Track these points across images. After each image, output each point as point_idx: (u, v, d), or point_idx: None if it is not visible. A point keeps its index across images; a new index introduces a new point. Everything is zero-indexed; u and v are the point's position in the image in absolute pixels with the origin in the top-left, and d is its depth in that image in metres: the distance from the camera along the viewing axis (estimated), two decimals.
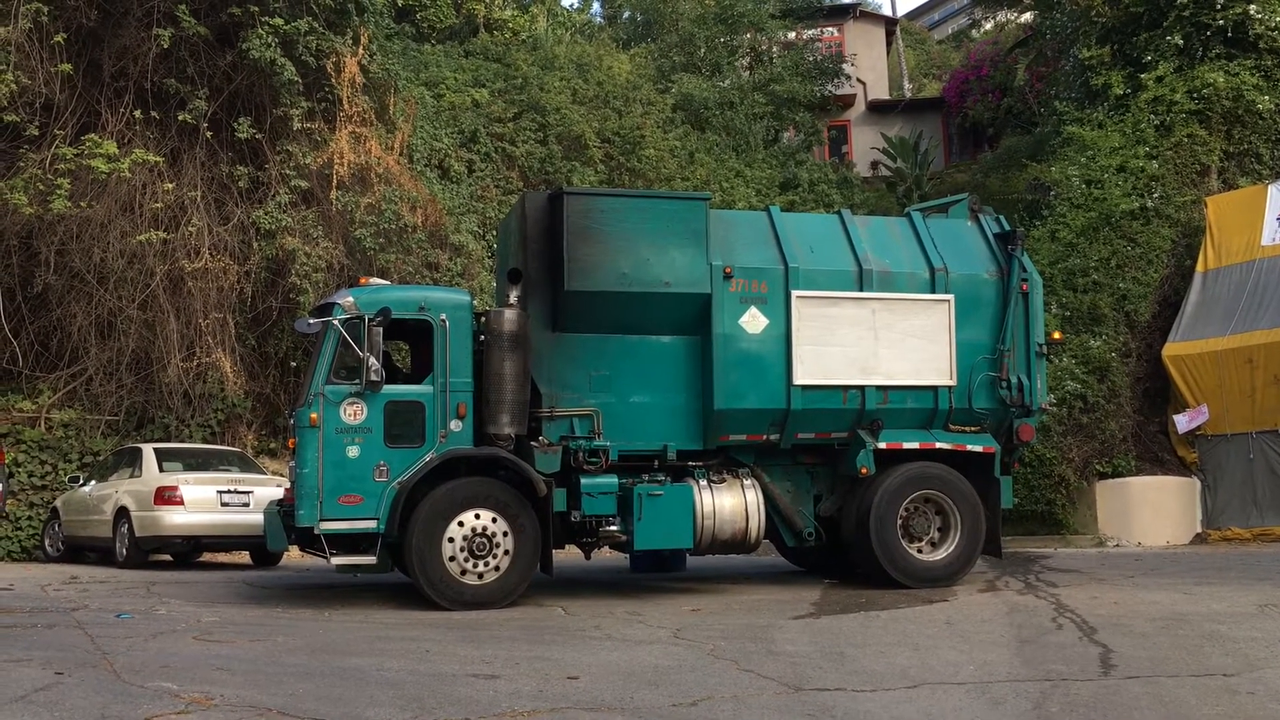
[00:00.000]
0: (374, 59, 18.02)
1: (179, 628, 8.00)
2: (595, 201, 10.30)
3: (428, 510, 9.32)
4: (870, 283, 10.57)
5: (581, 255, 9.81)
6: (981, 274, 10.96)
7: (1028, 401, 10.85)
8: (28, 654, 6.65)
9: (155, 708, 5.42)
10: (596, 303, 9.95)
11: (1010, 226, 11.30)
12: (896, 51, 37.02)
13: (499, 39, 24.96)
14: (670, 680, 6.50)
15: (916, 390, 10.62)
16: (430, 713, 5.56)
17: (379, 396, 9.43)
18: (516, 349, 9.67)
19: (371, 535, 9.30)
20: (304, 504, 9.24)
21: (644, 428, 10.13)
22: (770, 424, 10.34)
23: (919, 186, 26.69)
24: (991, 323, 10.87)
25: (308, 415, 9.34)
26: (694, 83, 24.90)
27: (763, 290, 10.30)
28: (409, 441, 9.44)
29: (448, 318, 9.67)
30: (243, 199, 16.62)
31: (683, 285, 10.05)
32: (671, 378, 10.24)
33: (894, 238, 11.01)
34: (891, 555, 10.34)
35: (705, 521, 10.01)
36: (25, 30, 15.01)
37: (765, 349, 10.27)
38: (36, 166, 15.31)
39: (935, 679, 6.60)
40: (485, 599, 9.39)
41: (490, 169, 19.96)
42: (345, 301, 9.60)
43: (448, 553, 9.33)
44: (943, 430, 10.74)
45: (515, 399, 9.65)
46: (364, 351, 9.30)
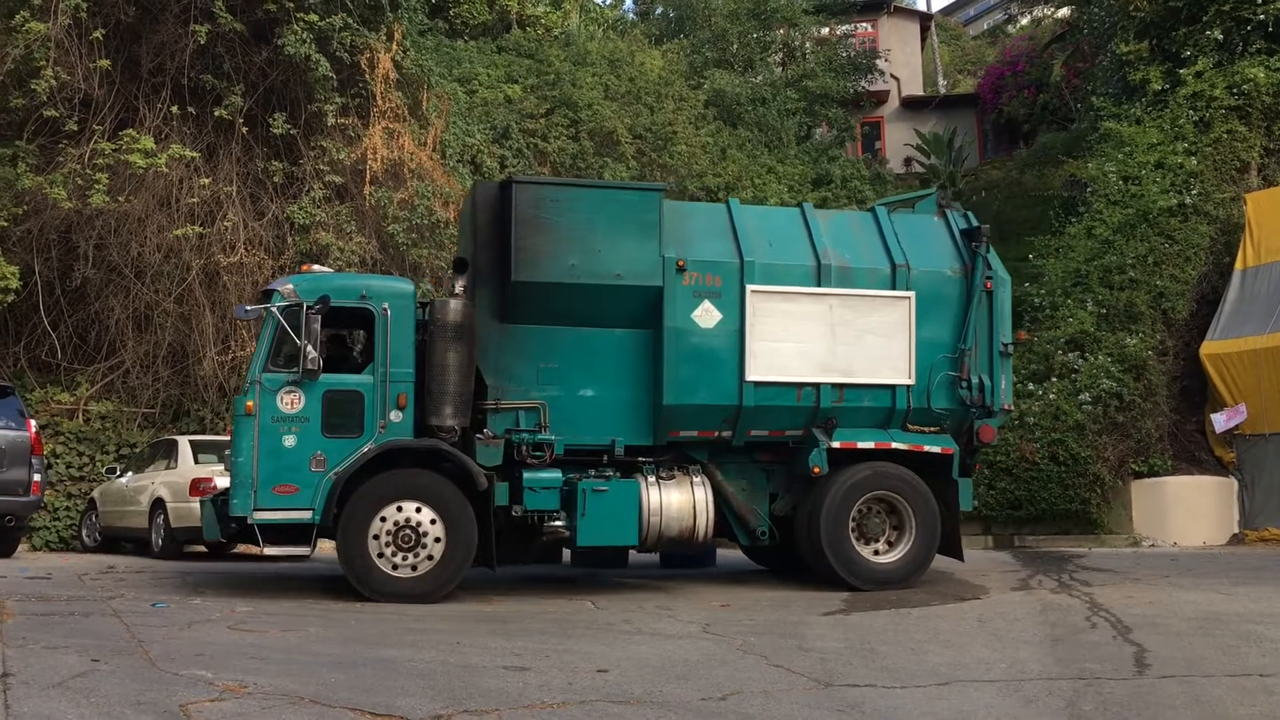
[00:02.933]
0: (407, 55, 18.10)
1: (213, 617, 8.07)
2: (545, 191, 10.14)
3: (355, 501, 9.25)
4: (829, 278, 10.34)
5: (529, 245, 9.67)
6: (945, 271, 10.67)
7: (989, 402, 10.55)
8: (65, 641, 6.74)
9: (190, 695, 5.47)
10: (544, 294, 9.80)
11: (977, 222, 10.97)
12: (931, 47, 36.76)
13: (531, 35, 24.98)
14: (700, 674, 6.50)
15: (873, 389, 10.38)
16: (460, 703, 5.58)
17: (317, 385, 9.34)
18: (460, 340, 9.54)
19: (307, 526, 9.23)
20: (238, 493, 9.21)
21: (593, 422, 9.98)
22: (722, 420, 10.14)
23: (953, 183, 26.49)
24: (954, 321, 10.57)
25: (243, 403, 9.32)
26: (726, 79, 24.82)
27: (717, 284, 10.09)
28: (347, 432, 9.35)
29: (389, 307, 9.56)
30: (277, 194, 16.74)
31: (633, 277, 9.88)
32: (622, 372, 10.05)
33: (856, 233, 10.77)
34: (842, 556, 10.10)
35: (651, 518, 9.83)
36: (65, 26, 15.18)
37: (718, 344, 10.06)
38: (75, 162, 15.49)
39: (967, 677, 6.56)
40: (413, 593, 9.27)
41: (522, 165, 19.99)
42: (285, 289, 9.54)
43: (374, 545, 9.26)
44: (901, 430, 10.47)
45: (458, 390, 9.52)
46: (302, 340, 9.21)
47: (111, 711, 5.10)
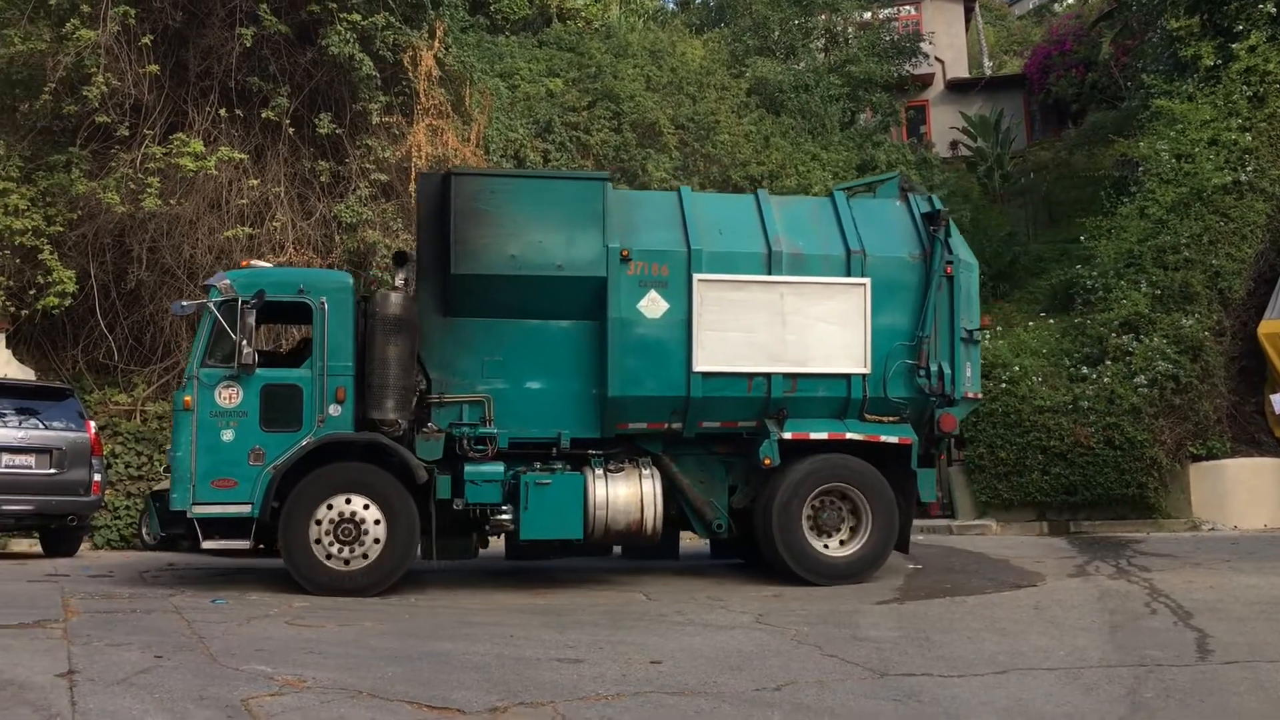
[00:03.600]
0: (449, 52, 18.19)
1: (271, 612, 8.18)
2: (485, 182, 10.04)
3: (296, 495, 9.27)
4: (780, 266, 10.08)
5: (469, 238, 9.59)
6: (903, 256, 10.35)
7: (949, 391, 10.23)
8: (128, 638, 6.86)
9: (250, 689, 5.55)
10: (485, 286, 9.71)
11: (939, 206, 10.64)
12: (976, 29, 36.29)
13: (572, 28, 24.99)
14: (753, 665, 6.49)
15: (828, 378, 10.12)
16: (516, 695, 5.62)
17: (255, 379, 9.36)
18: (400, 332, 9.51)
19: (246, 520, 9.25)
20: (177, 488, 9.26)
21: (539, 415, 9.86)
22: (671, 412, 9.97)
23: (1000, 166, 26.17)
24: (912, 308, 10.27)
25: (181, 398, 9.38)
26: (768, 66, 24.67)
27: (664, 273, 9.90)
28: (285, 425, 9.35)
29: (327, 300, 9.56)
30: (324, 193, 16.90)
31: (576, 268, 9.74)
32: (568, 364, 9.93)
33: (811, 219, 10.52)
34: (794, 550, 9.89)
35: (597, 512, 9.70)
36: (114, 33, 15.42)
37: (665, 334, 9.87)
38: (127, 166, 15.73)
39: (1025, 664, 6.50)
40: (354, 586, 9.27)
41: (565, 158, 20.01)
42: (222, 284, 9.57)
43: (314, 537, 9.27)
44: (858, 420, 10.19)
45: (399, 384, 9.49)
46: (237, 334, 9.25)
47: (175, 707, 5.19)
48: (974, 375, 10.70)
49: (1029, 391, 16.00)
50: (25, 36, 15.72)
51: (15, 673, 5.72)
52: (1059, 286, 19.94)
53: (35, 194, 15.80)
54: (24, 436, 12.54)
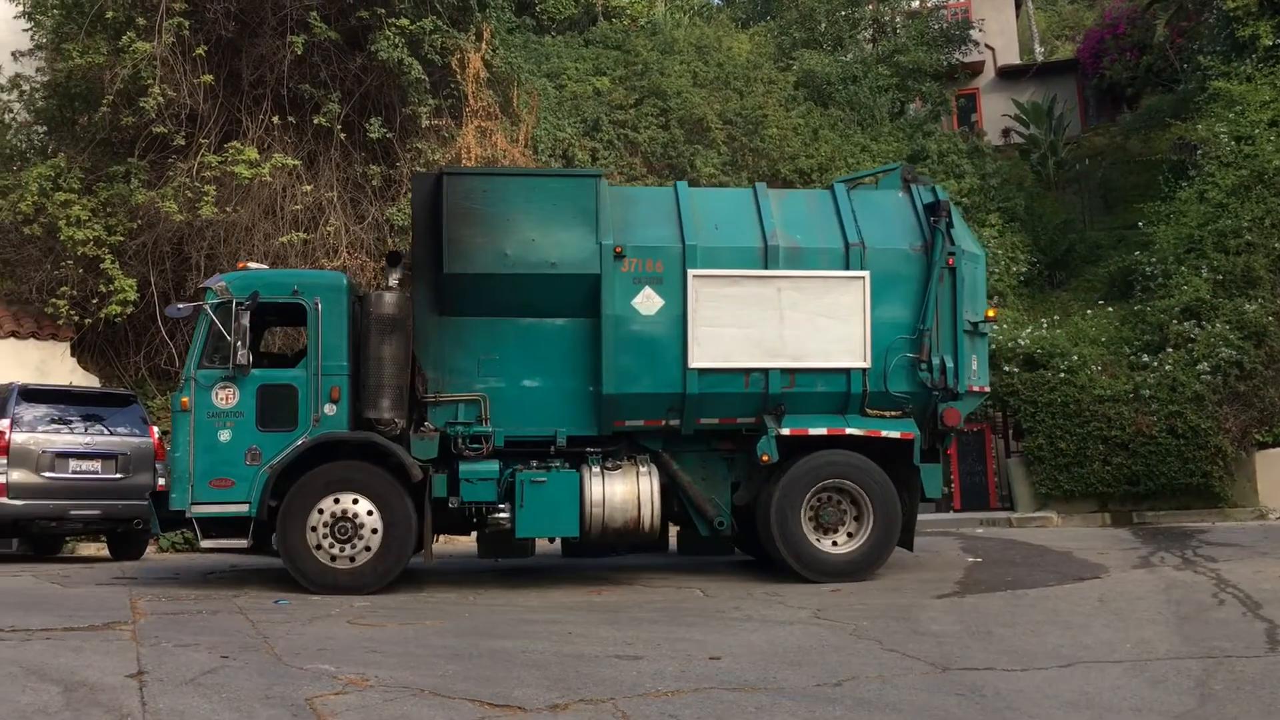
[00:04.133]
0: (497, 53, 18.28)
1: (333, 612, 8.28)
2: (477, 181, 10.02)
3: (292, 494, 9.34)
4: (776, 260, 9.94)
5: (461, 237, 9.57)
6: (904, 248, 10.16)
7: (952, 384, 10.05)
8: (195, 639, 6.98)
9: (315, 688, 5.63)
10: (478, 285, 9.70)
11: (942, 196, 10.40)
12: (1026, 14, 35.80)
13: (618, 26, 25.03)
14: (813, 660, 6.47)
15: (826, 373, 9.97)
16: (575, 692, 5.64)
17: (251, 380, 9.47)
18: (395, 332, 9.56)
19: (244, 519, 9.34)
20: (176, 487, 9.38)
21: (535, 413, 9.83)
22: (668, 409, 9.89)
23: (1054, 152, 25.80)
24: (913, 300, 10.09)
25: (179, 399, 9.49)
26: (815, 59, 24.53)
27: (658, 270, 9.81)
28: (281, 425, 9.43)
29: (321, 300, 9.63)
30: (376, 197, 17.07)
31: (569, 266, 9.69)
32: (564, 362, 9.88)
33: (810, 212, 10.38)
34: (793, 547, 9.76)
35: (594, 510, 9.64)
36: (169, 45, 15.68)
37: (660, 331, 9.80)
38: (184, 175, 15.99)
39: (1090, 657, 6.41)
40: (353, 583, 9.32)
41: (613, 156, 20.05)
42: (217, 286, 9.67)
43: (312, 537, 9.34)
44: (859, 415, 10.04)
45: (394, 383, 9.54)
46: (232, 335, 9.35)
47: (242, 706, 5.27)
48: (980, 368, 10.52)
49: (1088, 381, 15.79)
50: (84, 51, 16.04)
51: (87, 674, 5.85)
52: (1117, 274, 19.66)
53: (96, 205, 16.11)
54: (90, 442, 12.80)
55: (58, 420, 12.80)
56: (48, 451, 12.48)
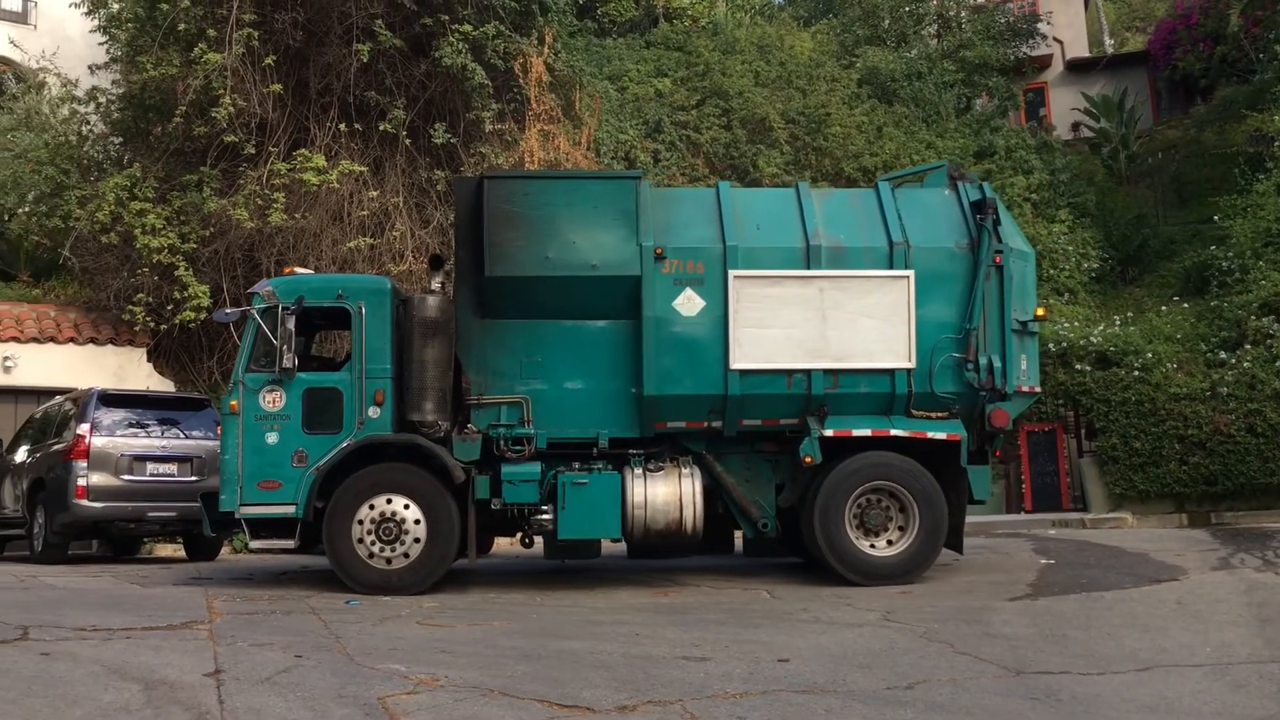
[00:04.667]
0: (559, 57, 18.39)
1: (403, 613, 8.37)
2: (518, 185, 10.00)
3: (338, 495, 9.43)
4: (818, 260, 9.79)
5: (502, 240, 9.56)
6: (950, 247, 9.95)
7: (1000, 385, 9.81)
8: (269, 639, 7.09)
9: (386, 688, 5.69)
10: (520, 288, 9.68)
11: (989, 193, 10.17)
12: (1095, 6, 35.17)
13: (679, 27, 25.03)
14: (883, 663, 6.40)
15: (870, 374, 9.78)
16: (644, 694, 5.63)
17: (297, 383, 9.59)
18: (438, 335, 9.62)
19: (291, 520, 9.45)
20: (225, 489, 9.52)
21: (577, 415, 9.79)
22: (710, 410, 9.79)
23: (1125, 146, 25.32)
24: (959, 299, 9.88)
25: (228, 403, 9.63)
26: (879, 55, 24.31)
27: (699, 271, 9.72)
28: (327, 428, 9.54)
29: (365, 304, 9.72)
30: (441, 202, 17.25)
31: (610, 268, 9.63)
32: (605, 363, 9.83)
33: (853, 211, 10.20)
34: (837, 549, 9.60)
35: (636, 511, 9.60)
36: (239, 56, 16.00)
37: (701, 332, 9.71)
38: (254, 183, 16.31)
39: (1168, 661, 6.28)
40: (396, 584, 9.39)
41: (675, 158, 20.05)
42: (264, 290, 9.80)
43: (356, 537, 9.41)
44: (904, 416, 9.85)
45: (437, 385, 9.59)
46: (278, 340, 9.47)
47: (316, 705, 5.35)
48: (1030, 368, 10.29)
49: (1163, 379, 15.47)
50: (157, 63, 16.42)
51: (166, 672, 5.97)
52: (1192, 269, 19.24)
53: (170, 213, 16.49)
54: (166, 446, 13.09)
55: (135, 424, 13.13)
56: (126, 455, 12.79)
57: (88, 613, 8.05)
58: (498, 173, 13.65)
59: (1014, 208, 20.33)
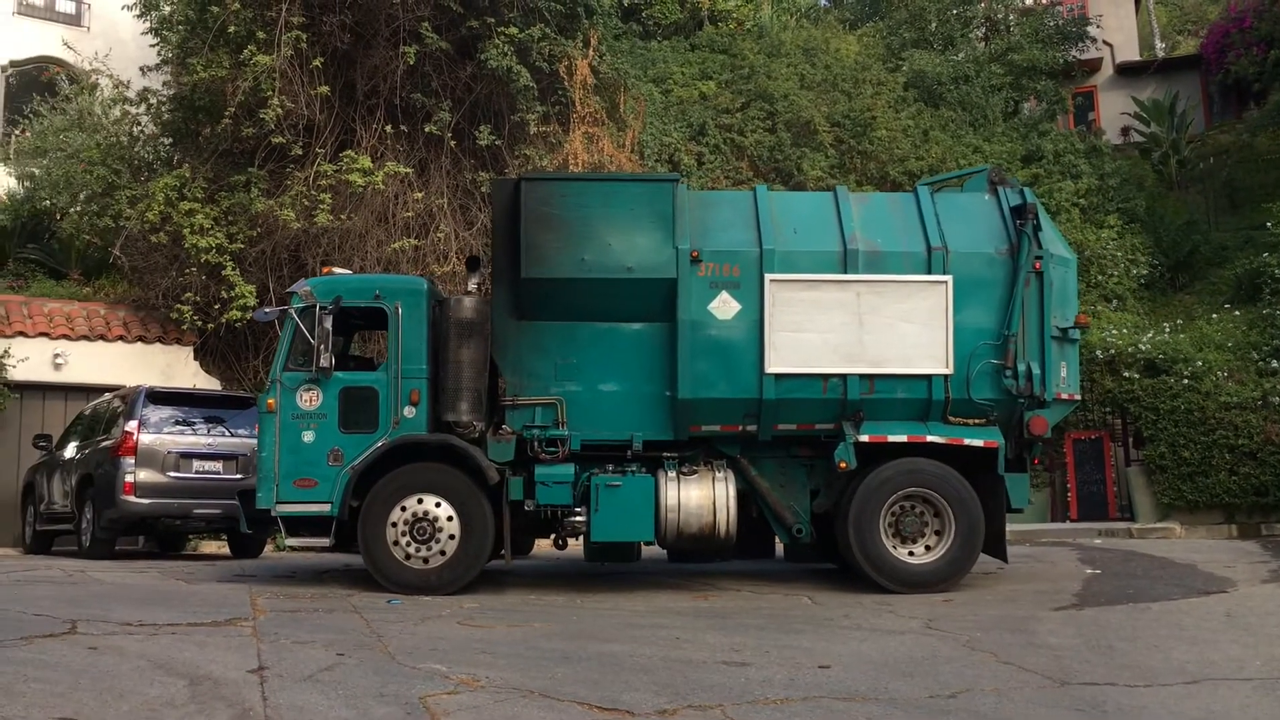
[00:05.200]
0: (604, 60, 18.42)
1: (444, 613, 8.41)
2: (555, 187, 9.97)
3: (374, 495, 9.48)
4: (856, 264, 9.71)
5: (539, 242, 9.56)
6: (989, 252, 9.84)
7: (1039, 392, 9.65)
8: (312, 636, 7.15)
9: (428, 688, 5.72)
10: (556, 290, 9.67)
11: (1030, 198, 10.03)
12: (1146, 9, 34.70)
13: (724, 30, 24.98)
14: (925, 671, 6.34)
15: (907, 379, 9.68)
16: (684, 698, 5.62)
17: (334, 383, 9.66)
18: (473, 336, 9.66)
19: (326, 518, 9.50)
20: (262, 487, 9.59)
21: (612, 417, 9.76)
22: (744, 414, 9.72)
23: (1177, 151, 24.93)
24: (998, 305, 9.77)
25: (265, 401, 9.72)
26: (926, 58, 24.12)
27: (735, 274, 9.66)
28: (363, 427, 9.60)
29: (402, 305, 9.77)
30: (485, 204, 17.30)
31: (646, 270, 9.60)
32: (641, 366, 9.79)
33: (891, 216, 10.09)
34: (871, 556, 9.52)
35: (669, 514, 9.58)
36: (287, 58, 16.17)
37: (736, 336, 9.65)
38: (301, 184, 16.47)
39: (1217, 674, 6.17)
40: (430, 583, 9.42)
41: (720, 160, 20.01)
42: (302, 290, 9.87)
43: (391, 536, 9.47)
44: (941, 423, 9.74)
45: (473, 386, 9.63)
46: (315, 339, 9.54)
47: (358, 703, 5.38)
48: (1070, 375, 10.15)
49: (1214, 387, 15.23)
50: (207, 65, 16.62)
51: (211, 668, 6.04)
52: (1244, 276, 18.92)
53: (218, 213, 16.68)
54: (212, 444, 13.25)
55: (182, 422, 13.29)
56: (172, 452, 12.96)
57: (134, 608, 8.17)
58: (535, 174, 13.71)
59: (1062, 213, 20.10)
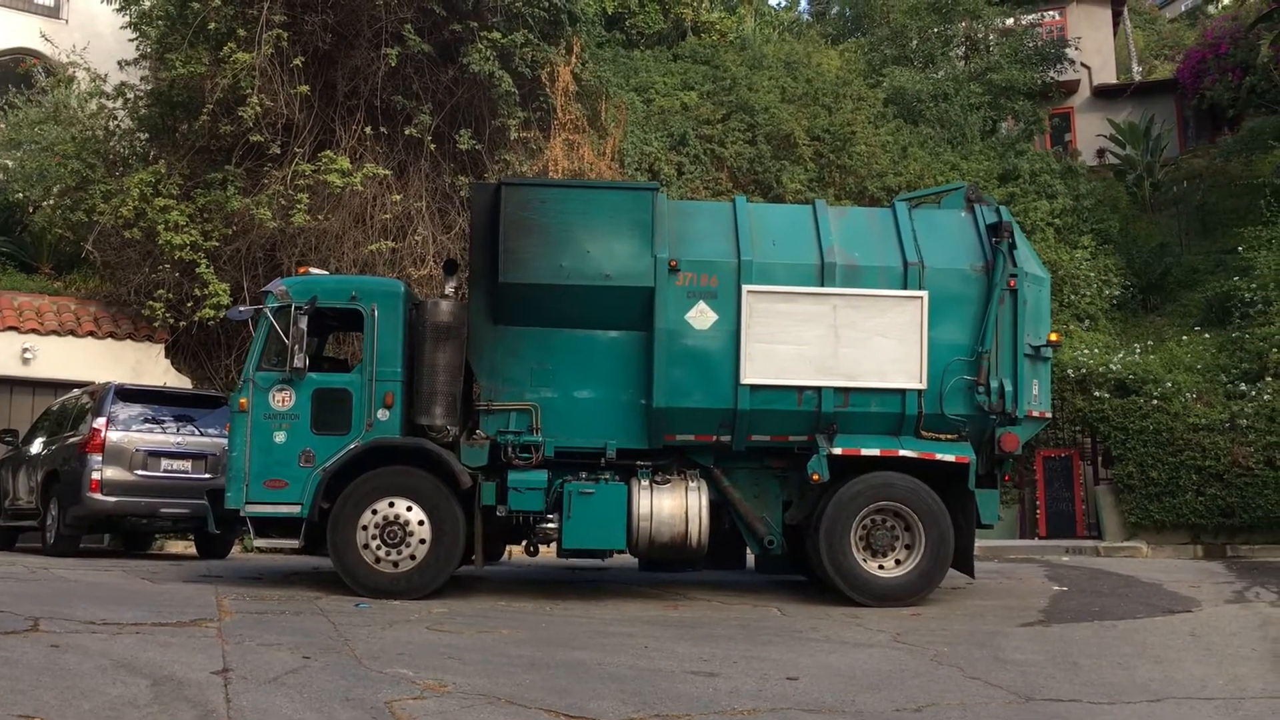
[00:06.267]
0: (586, 67, 18.45)
1: (412, 618, 8.36)
2: (535, 192, 9.97)
3: (345, 497, 9.45)
4: (833, 277, 9.76)
5: (517, 247, 9.57)
6: (965, 269, 9.91)
7: (1010, 408, 9.73)
8: (278, 639, 7.09)
9: (394, 692, 5.68)
10: (533, 296, 9.69)
11: (1006, 217, 10.12)
12: (1124, 33, 35.06)
13: (707, 41, 25.07)
14: (892, 684, 6.36)
15: (881, 393, 9.74)
16: (651, 707, 5.61)
17: (307, 384, 9.63)
18: (449, 340, 9.66)
19: (296, 520, 9.46)
20: (232, 487, 9.54)
21: (586, 424, 9.78)
22: (719, 425, 9.75)
23: (1151, 174, 25.20)
24: (973, 322, 9.83)
25: (237, 400, 9.69)
26: (906, 75, 24.30)
27: (713, 284, 9.70)
28: (335, 429, 9.56)
29: (378, 307, 9.75)
30: (464, 208, 17.28)
31: (623, 278, 9.63)
32: (616, 374, 9.82)
33: (869, 230, 10.16)
34: (841, 568, 9.56)
35: (641, 523, 9.57)
36: (268, 56, 16.09)
37: (713, 346, 9.68)
38: (279, 183, 16.38)
39: (1181, 693, 6.21)
40: (400, 588, 9.39)
41: (700, 171, 20.07)
42: (278, 289, 9.84)
43: (361, 539, 9.43)
44: (914, 437, 9.79)
45: (447, 390, 9.63)
46: (289, 339, 9.51)
47: (323, 707, 5.34)
48: (1042, 393, 10.24)
49: (1182, 409, 15.37)
50: (186, 61, 16.51)
51: (174, 669, 5.97)
52: (1214, 299, 19.13)
53: (193, 210, 16.58)
54: (181, 442, 13.12)
55: (151, 420, 13.16)
56: (140, 450, 12.83)
57: (98, 606, 8.07)
58: (515, 180, 13.70)
59: (1037, 232, 20.26)
